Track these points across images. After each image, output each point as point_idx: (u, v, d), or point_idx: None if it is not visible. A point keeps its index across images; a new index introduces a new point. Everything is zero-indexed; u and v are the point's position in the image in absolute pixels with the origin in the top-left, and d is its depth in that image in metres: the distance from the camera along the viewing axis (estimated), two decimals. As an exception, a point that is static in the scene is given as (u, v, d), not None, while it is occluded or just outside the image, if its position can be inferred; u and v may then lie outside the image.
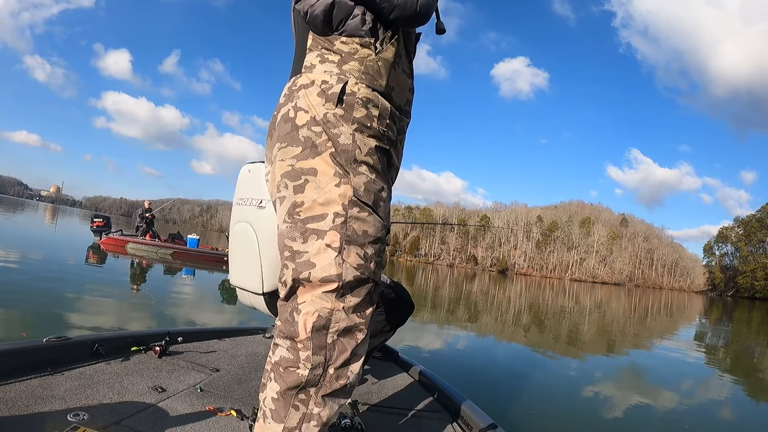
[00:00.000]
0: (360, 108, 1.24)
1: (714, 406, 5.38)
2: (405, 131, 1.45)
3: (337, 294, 1.18)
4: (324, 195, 1.20)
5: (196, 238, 16.69)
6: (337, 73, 1.27)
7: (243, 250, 1.87)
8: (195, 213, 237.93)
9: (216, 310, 7.64)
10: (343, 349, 1.19)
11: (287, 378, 1.17)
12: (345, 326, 1.19)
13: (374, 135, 1.27)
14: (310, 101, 1.25)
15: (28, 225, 26.37)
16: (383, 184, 1.29)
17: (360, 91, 1.25)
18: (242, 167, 1.98)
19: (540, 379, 5.63)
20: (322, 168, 1.21)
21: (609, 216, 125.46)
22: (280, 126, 1.30)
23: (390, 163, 1.35)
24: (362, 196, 1.21)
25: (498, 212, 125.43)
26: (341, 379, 1.19)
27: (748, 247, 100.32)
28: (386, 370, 2.69)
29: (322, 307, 1.17)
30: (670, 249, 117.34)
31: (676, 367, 7.72)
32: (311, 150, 1.23)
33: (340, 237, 1.19)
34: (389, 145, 1.32)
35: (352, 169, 1.22)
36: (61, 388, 1.70)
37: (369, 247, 1.22)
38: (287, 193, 1.25)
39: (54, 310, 5.54)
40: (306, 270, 1.19)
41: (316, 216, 1.20)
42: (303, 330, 1.17)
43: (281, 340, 1.21)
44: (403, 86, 1.39)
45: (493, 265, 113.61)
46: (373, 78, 1.29)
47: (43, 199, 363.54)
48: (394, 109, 1.34)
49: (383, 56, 1.31)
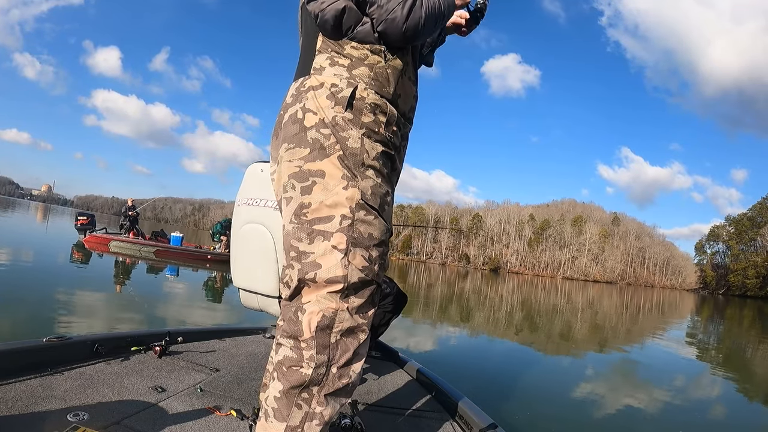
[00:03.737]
0: (368, 113, 1.27)
1: (706, 404, 5.44)
2: (408, 137, 1.48)
3: (341, 295, 1.20)
4: (332, 197, 1.22)
5: (179, 235, 16.61)
6: (347, 77, 1.28)
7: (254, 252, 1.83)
8: (187, 212, 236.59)
9: (204, 309, 7.59)
10: (345, 349, 1.21)
11: (290, 377, 1.18)
12: (348, 326, 1.21)
13: (381, 140, 1.29)
14: (320, 103, 1.26)
15: (17, 223, 26.14)
16: (388, 188, 1.32)
17: (369, 96, 1.27)
18: (250, 166, 1.94)
19: (537, 377, 5.65)
20: (330, 170, 1.23)
21: (601, 214, 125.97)
22: (287, 126, 1.30)
23: (393, 168, 1.37)
24: (369, 200, 1.24)
25: (490, 211, 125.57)
26: (343, 378, 1.21)
27: (740, 246, 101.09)
28: (386, 369, 2.70)
29: (327, 307, 1.19)
30: (661, 247, 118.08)
31: (669, 364, 7.78)
32: (319, 152, 1.24)
33: (346, 239, 1.21)
34: (394, 151, 1.35)
35: (360, 172, 1.24)
36: (61, 388, 1.70)
37: (374, 249, 1.25)
38: (294, 194, 1.26)
39: (34, 309, 5.47)
40: (312, 271, 1.21)
41: (323, 218, 1.22)
42: (307, 329, 1.18)
43: (285, 340, 1.23)
44: (408, 93, 1.41)
45: (485, 264, 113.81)
46: (382, 85, 1.31)
47: (34, 198, 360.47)
48: (399, 116, 1.36)
49: (392, 64, 1.33)
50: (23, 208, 73.00)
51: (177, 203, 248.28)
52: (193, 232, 70.06)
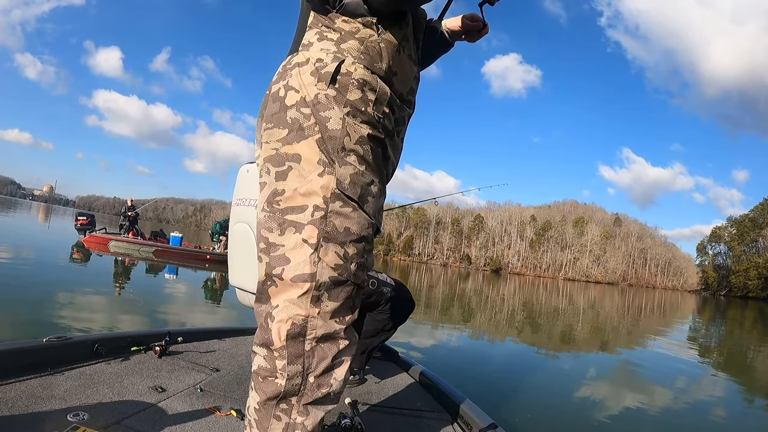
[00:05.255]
0: (354, 90, 1.13)
1: (707, 406, 5.42)
2: (406, 122, 1.33)
3: (311, 298, 1.09)
4: (305, 185, 1.11)
5: (178, 236, 16.66)
6: (334, 51, 1.16)
7: (243, 251, 1.88)
8: (188, 212, 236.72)
9: (204, 309, 7.61)
10: (323, 356, 1.11)
11: (266, 388, 1.11)
12: (323, 333, 1.10)
13: (368, 121, 1.15)
14: (303, 80, 1.14)
15: (19, 224, 26.18)
16: (374, 177, 1.17)
17: (357, 71, 1.14)
18: (241, 167, 2.00)
19: (538, 378, 5.65)
20: (307, 154, 1.11)
21: (602, 215, 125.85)
22: (269, 106, 1.19)
23: (385, 155, 1.23)
24: (346, 189, 1.10)
25: (491, 211, 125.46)
26: (323, 387, 1.11)
27: (741, 247, 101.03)
28: (386, 370, 2.70)
29: (296, 314, 1.09)
30: (663, 248, 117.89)
31: (670, 366, 7.76)
32: (297, 133, 1.12)
33: (317, 233, 1.09)
34: (385, 135, 1.21)
35: (339, 158, 1.11)
36: (61, 388, 1.70)
37: (350, 246, 1.12)
38: (269, 179, 1.16)
39: (34, 309, 5.48)
40: (280, 266, 1.11)
41: (296, 207, 1.11)
42: (277, 338, 1.09)
43: (258, 348, 1.14)
44: (407, 73, 1.29)
45: (486, 265, 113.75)
46: (373, 59, 1.18)
47: (36, 199, 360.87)
48: (394, 96, 1.22)
49: (386, 38, 1.20)
50: (25, 208, 73.06)
51: (179, 204, 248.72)
52: (194, 232, 70.16)
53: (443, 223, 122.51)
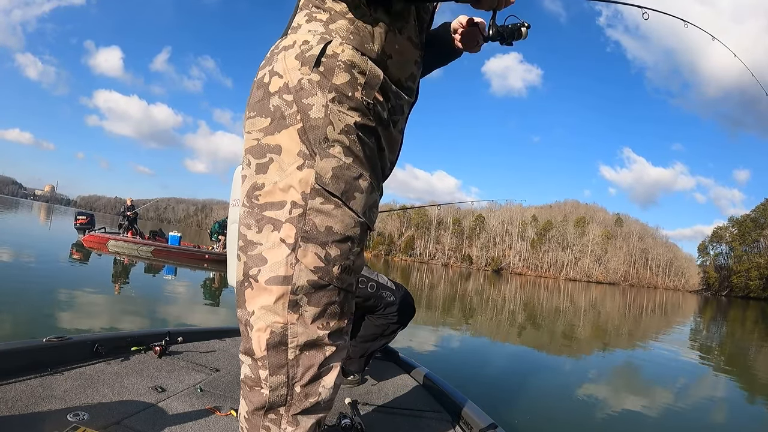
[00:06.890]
0: (341, 73, 1.03)
1: (709, 406, 5.42)
2: (405, 112, 1.21)
3: (289, 303, 1.01)
4: (285, 179, 1.02)
5: (177, 235, 16.64)
6: (321, 33, 1.07)
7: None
8: (190, 212, 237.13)
9: (203, 310, 7.60)
10: (309, 365, 1.04)
11: (253, 398, 1.05)
12: (306, 340, 1.03)
13: (356, 108, 1.04)
14: (287, 65, 1.05)
15: (21, 225, 26.21)
16: (362, 171, 1.06)
17: (344, 53, 1.04)
18: (237, 167, 2.00)
19: (538, 378, 5.65)
20: (287, 145, 1.02)
21: (603, 215, 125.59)
22: (253, 93, 1.11)
23: (379, 146, 1.12)
24: (328, 185, 1.01)
25: (492, 211, 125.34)
26: (311, 396, 1.05)
27: (743, 247, 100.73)
28: (386, 370, 2.70)
29: (273, 322, 1.01)
30: (664, 248, 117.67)
31: (672, 366, 7.75)
32: (279, 122, 1.03)
33: (295, 232, 1.01)
34: (377, 124, 1.09)
35: (321, 149, 1.01)
36: (61, 388, 1.70)
37: (333, 247, 1.02)
38: (249, 171, 1.08)
39: (34, 308, 5.48)
40: (256, 266, 1.03)
41: (275, 203, 1.03)
42: (258, 348, 1.03)
43: (243, 356, 1.08)
44: (406, 57, 1.17)
45: (487, 265, 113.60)
46: (363, 40, 1.07)
47: (37, 198, 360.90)
48: (389, 81, 1.11)
49: (380, 17, 1.10)
50: (27, 208, 73.20)
51: (180, 203, 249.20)
52: (195, 232, 70.15)
53: (444, 223, 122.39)
